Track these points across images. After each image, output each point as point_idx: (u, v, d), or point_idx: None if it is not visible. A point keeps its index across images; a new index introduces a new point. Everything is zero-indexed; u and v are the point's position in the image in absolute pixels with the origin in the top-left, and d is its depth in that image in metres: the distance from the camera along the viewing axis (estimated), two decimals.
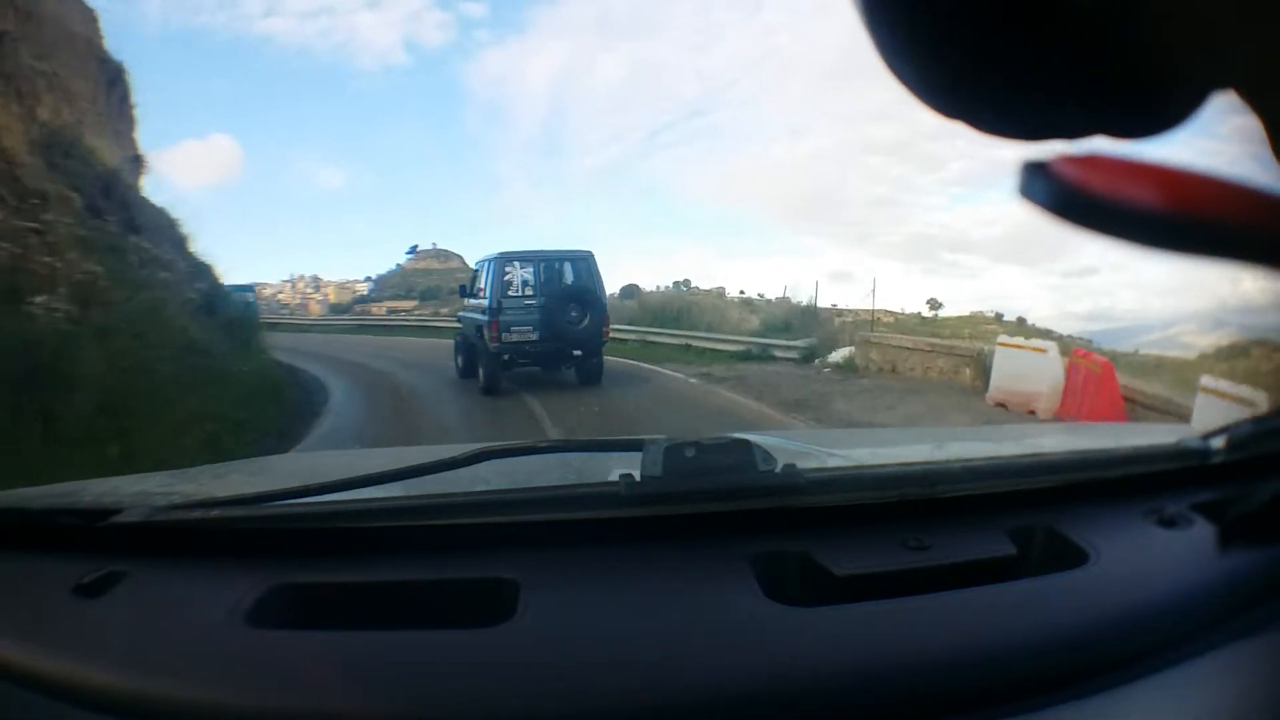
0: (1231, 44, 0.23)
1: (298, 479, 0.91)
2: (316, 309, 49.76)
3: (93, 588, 0.77)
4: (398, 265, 54.74)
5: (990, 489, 0.95)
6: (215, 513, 0.85)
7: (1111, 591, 0.80)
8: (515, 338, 9.57)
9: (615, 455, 0.97)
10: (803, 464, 0.91)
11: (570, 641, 0.71)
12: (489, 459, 0.94)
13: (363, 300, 50.42)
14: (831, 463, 1.25)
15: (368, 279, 54.13)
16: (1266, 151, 0.25)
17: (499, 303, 9.59)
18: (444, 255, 54.00)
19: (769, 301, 24.34)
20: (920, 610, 0.75)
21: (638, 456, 0.88)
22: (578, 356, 9.93)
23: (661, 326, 17.76)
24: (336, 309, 46.84)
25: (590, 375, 10.15)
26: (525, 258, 10.07)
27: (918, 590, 0.77)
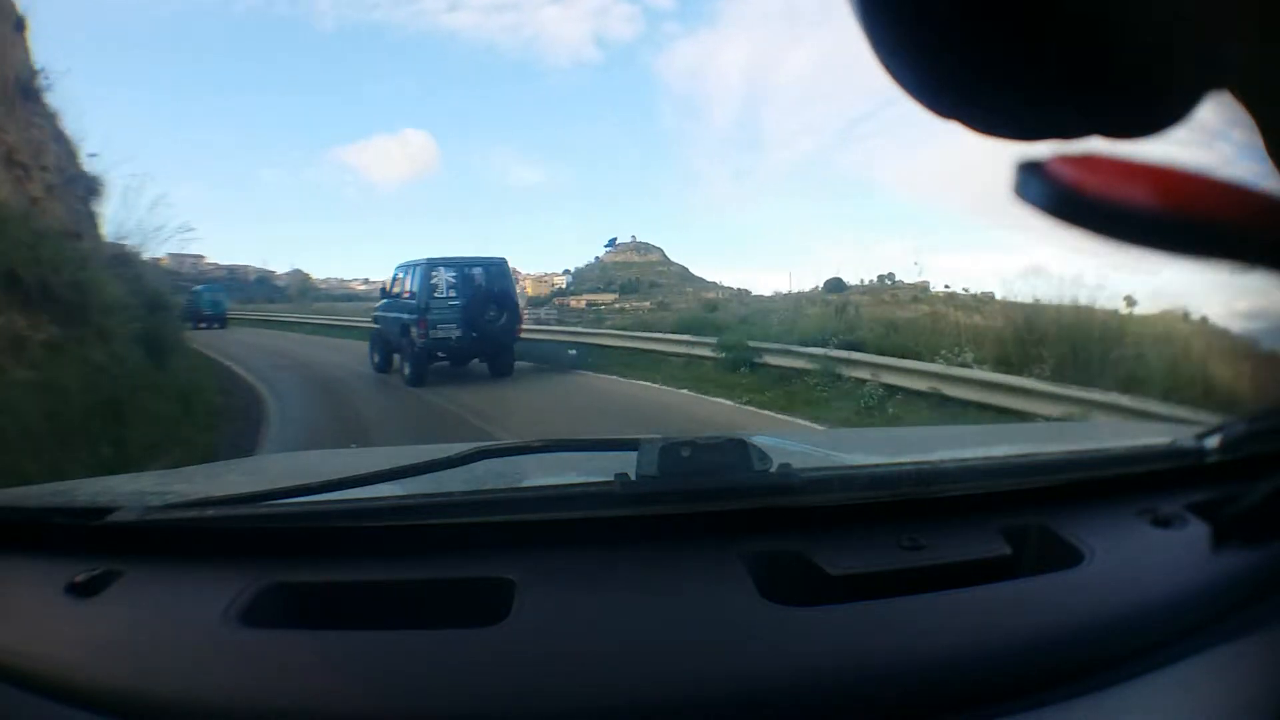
0: (1226, 44, 0.23)
1: (293, 478, 0.91)
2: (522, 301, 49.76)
3: (87, 587, 0.77)
4: (596, 258, 55.14)
5: (985, 489, 0.95)
6: (210, 512, 0.85)
7: (1106, 591, 0.80)
8: (440, 334, 10.57)
9: (611, 455, 0.97)
10: (798, 464, 0.91)
11: (565, 641, 0.70)
12: (484, 458, 0.94)
13: (561, 293, 50.55)
14: (827, 462, 1.26)
15: (565, 272, 54.33)
16: (1261, 151, 0.25)
17: (426, 303, 10.53)
18: (644, 248, 53.97)
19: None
20: (915, 610, 0.75)
21: (633, 456, 0.88)
22: (493, 351, 11.07)
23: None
24: (534, 302, 46.77)
25: (502, 369, 11.13)
26: (448, 263, 11.16)
27: (913, 590, 0.77)
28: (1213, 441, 0.98)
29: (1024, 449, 1.44)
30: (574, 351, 12.90)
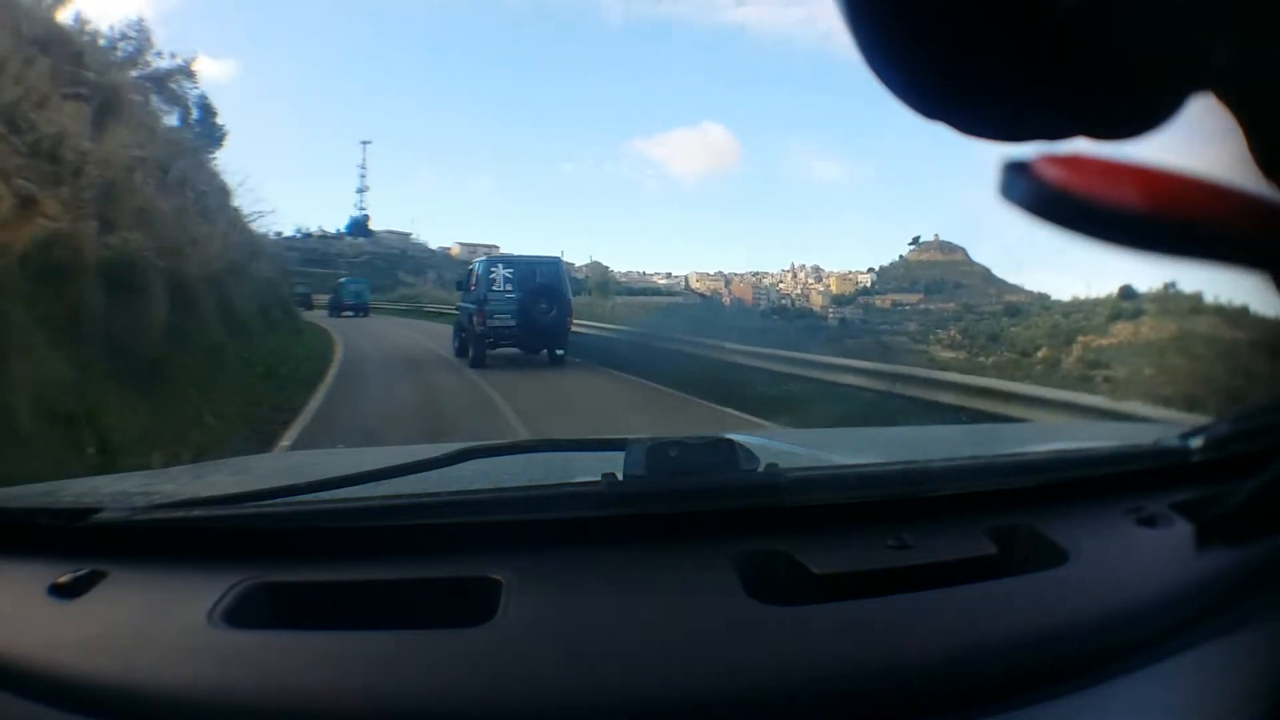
0: (1212, 45, 0.24)
1: (279, 479, 0.90)
2: (818, 299, 49.25)
3: (72, 588, 0.77)
4: (900, 256, 53.72)
5: (972, 489, 0.96)
6: (196, 512, 0.84)
7: (1090, 590, 0.81)
8: (497, 323, 12.16)
9: (599, 455, 0.97)
10: (785, 464, 0.92)
11: (552, 641, 0.70)
12: (471, 458, 0.94)
13: (865, 292, 49.79)
14: (814, 462, 1.26)
15: (869, 270, 53.07)
16: (1245, 153, 0.25)
17: (485, 296, 12.18)
18: (948, 247, 52.91)
19: None
20: (901, 609, 0.76)
21: (621, 456, 0.88)
22: (546, 340, 12.51)
23: None
24: (839, 300, 45.95)
25: (556, 357, 12.64)
26: (507, 261, 13.11)
27: (899, 589, 0.78)
28: (1197, 441, 0.98)
29: (1011, 449, 1.45)
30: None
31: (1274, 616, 0.79)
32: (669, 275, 56.84)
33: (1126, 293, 20.80)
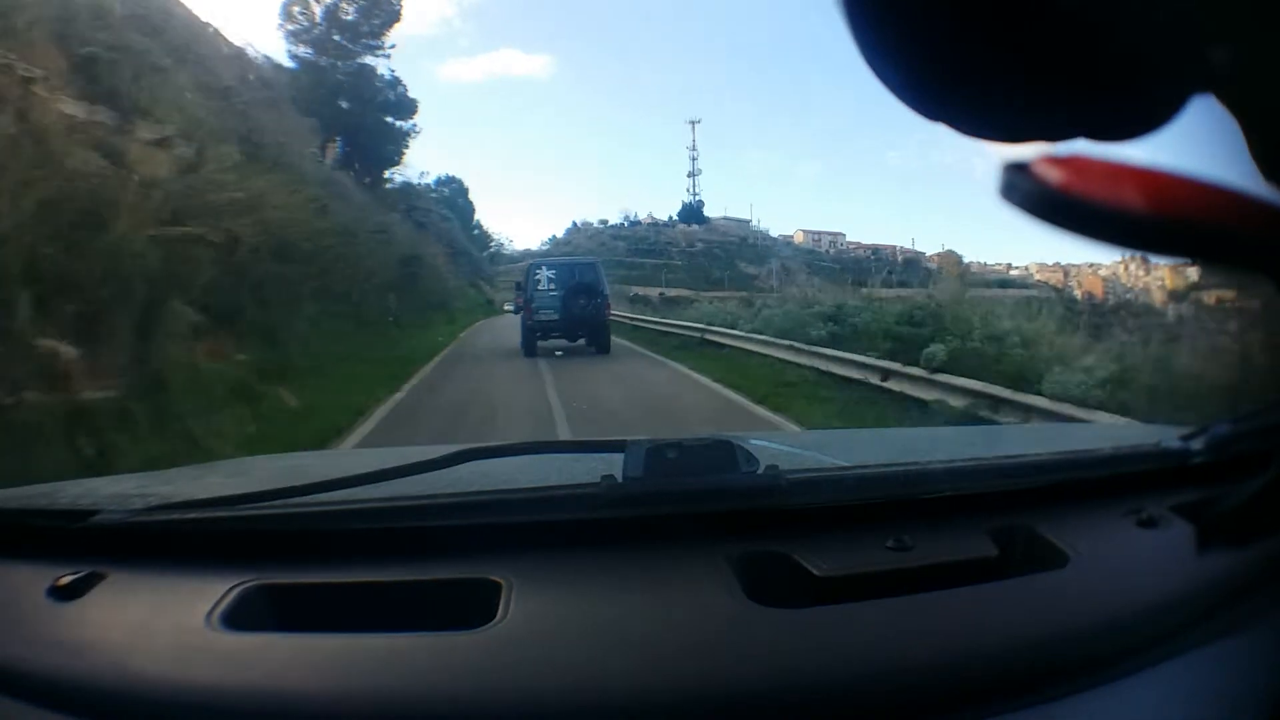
0: (1212, 47, 0.23)
1: (277, 480, 0.90)
2: (1159, 294, 46.87)
3: (70, 590, 0.77)
4: None
5: (972, 490, 0.95)
6: (194, 514, 0.84)
7: (1090, 592, 0.81)
8: (543, 317, 14.33)
9: (597, 456, 0.97)
10: (785, 465, 0.91)
11: (553, 644, 0.70)
12: (469, 460, 0.94)
13: (1196, 287, 48.45)
14: (814, 464, 1.26)
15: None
16: (1246, 154, 0.25)
17: (533, 294, 14.50)
18: None
19: None
20: (901, 611, 0.75)
21: (620, 458, 0.87)
22: (587, 331, 14.59)
23: None
24: (1174, 295, 44.88)
25: (599, 346, 14.60)
26: (551, 264, 15.94)
27: (900, 591, 0.77)
28: (1197, 443, 0.98)
29: (1011, 451, 1.44)
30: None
31: (1275, 619, 0.78)
32: (1009, 266, 55.03)
33: None
